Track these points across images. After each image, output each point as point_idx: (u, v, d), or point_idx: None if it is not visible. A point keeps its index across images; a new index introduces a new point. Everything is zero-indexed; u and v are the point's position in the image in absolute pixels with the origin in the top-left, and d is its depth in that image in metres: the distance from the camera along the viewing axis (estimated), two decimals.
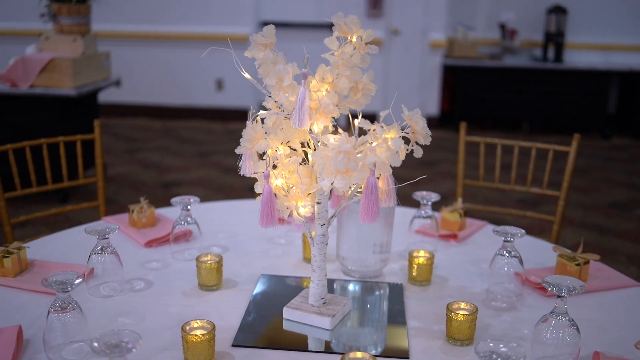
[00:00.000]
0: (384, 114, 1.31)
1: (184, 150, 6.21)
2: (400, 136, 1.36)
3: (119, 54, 7.02)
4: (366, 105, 1.41)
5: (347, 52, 1.32)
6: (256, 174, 1.40)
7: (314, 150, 1.40)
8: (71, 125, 4.56)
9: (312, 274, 1.49)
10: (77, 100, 4.59)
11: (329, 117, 1.34)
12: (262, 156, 1.41)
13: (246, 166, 1.43)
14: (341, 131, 1.33)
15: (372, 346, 1.42)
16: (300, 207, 1.40)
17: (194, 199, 1.80)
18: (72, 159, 2.98)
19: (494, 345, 1.08)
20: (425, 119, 1.36)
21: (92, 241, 1.60)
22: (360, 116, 1.34)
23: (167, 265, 1.78)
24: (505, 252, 1.63)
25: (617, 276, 1.75)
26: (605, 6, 7.22)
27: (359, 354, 1.20)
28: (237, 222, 2.10)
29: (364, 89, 1.38)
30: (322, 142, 1.34)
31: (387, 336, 1.46)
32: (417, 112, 1.39)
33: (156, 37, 7.30)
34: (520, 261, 1.62)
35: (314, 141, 1.39)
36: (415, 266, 1.70)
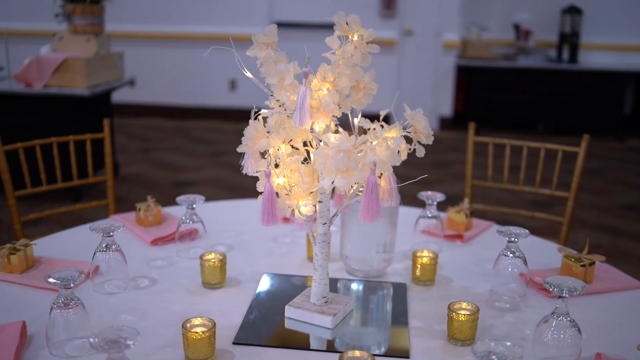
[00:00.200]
0: (383, 112, 1.31)
1: (196, 150, 6.24)
2: (402, 135, 1.36)
3: (133, 54, 7.07)
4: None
5: (347, 51, 1.32)
6: (258, 173, 1.40)
7: (316, 149, 1.40)
8: (84, 124, 4.59)
9: (314, 273, 1.49)
10: (91, 100, 4.63)
11: (330, 116, 1.34)
12: (264, 155, 1.41)
13: (248, 165, 1.44)
14: (341, 130, 1.34)
15: (373, 345, 1.42)
16: (301, 206, 1.40)
17: (198, 198, 1.81)
18: (85, 158, 3.00)
19: (491, 345, 1.08)
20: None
21: (99, 239, 1.62)
22: (360, 115, 1.34)
23: (172, 263, 1.79)
24: (509, 253, 1.62)
25: (623, 278, 1.73)
26: (620, 7, 7.16)
27: (357, 353, 1.20)
28: (243, 221, 2.11)
29: (365, 88, 1.38)
30: (323, 141, 1.34)
31: (388, 336, 1.46)
32: (420, 111, 1.39)
33: (170, 37, 7.34)
34: (524, 262, 1.61)
35: (316, 140, 1.39)
36: (418, 266, 1.69)
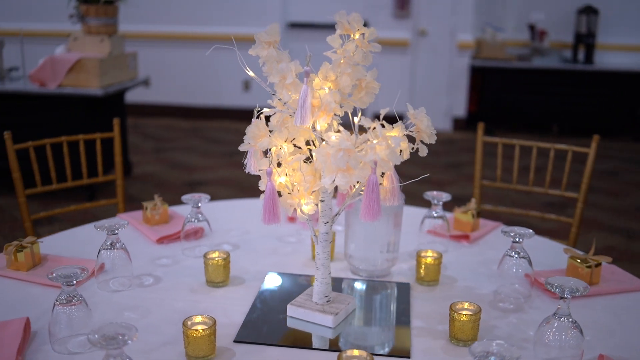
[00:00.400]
0: (383, 111, 1.31)
1: (210, 150, 6.26)
2: (404, 135, 1.36)
3: (148, 55, 7.12)
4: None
5: (348, 50, 1.32)
6: (260, 172, 1.41)
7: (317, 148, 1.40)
8: (98, 124, 4.63)
9: (316, 272, 1.49)
10: (104, 99, 4.66)
11: (331, 115, 1.34)
12: (266, 154, 1.42)
13: (251, 164, 1.44)
14: (342, 129, 1.34)
15: (374, 345, 1.42)
16: (303, 205, 1.40)
17: (204, 197, 1.82)
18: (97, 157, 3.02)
19: (489, 345, 1.07)
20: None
21: (105, 237, 1.63)
22: (360, 114, 1.34)
23: (177, 261, 1.80)
24: (513, 253, 1.61)
25: (630, 279, 1.71)
26: (637, 7, 7.09)
27: (356, 352, 1.20)
28: (250, 220, 2.11)
29: (367, 87, 1.38)
30: (325, 140, 1.34)
31: (389, 335, 1.46)
32: (422, 110, 1.39)
33: (184, 37, 7.38)
34: (529, 262, 1.60)
35: (318, 139, 1.39)
36: (422, 266, 1.69)
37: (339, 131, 1.37)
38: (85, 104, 4.56)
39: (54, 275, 1.31)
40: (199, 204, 1.81)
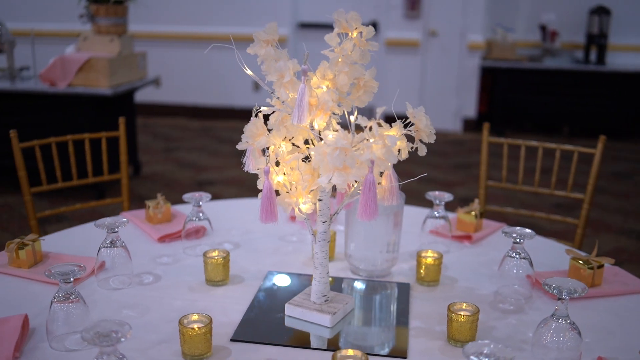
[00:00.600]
0: (380, 110, 1.30)
1: (220, 150, 6.28)
2: (403, 134, 1.36)
3: (159, 55, 7.15)
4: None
5: (346, 49, 1.31)
6: (258, 170, 1.40)
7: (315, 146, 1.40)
8: (107, 123, 4.65)
9: (314, 271, 1.48)
10: (114, 99, 4.68)
11: (328, 114, 1.34)
12: (265, 152, 1.41)
13: (249, 162, 1.44)
14: (339, 128, 1.33)
15: (371, 344, 1.41)
16: (301, 204, 1.40)
17: (205, 196, 1.82)
18: (107, 156, 3.02)
19: (483, 346, 1.06)
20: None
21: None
22: (356, 113, 1.33)
23: (178, 260, 1.80)
24: (514, 254, 1.60)
25: (633, 281, 1.70)
26: None
27: (350, 352, 1.19)
28: (252, 219, 2.10)
29: (365, 86, 1.37)
30: (323, 139, 1.33)
31: (387, 335, 1.45)
32: (421, 109, 1.38)
33: (195, 38, 7.40)
34: (530, 263, 1.59)
35: (316, 138, 1.39)
36: (423, 266, 1.68)
37: (337, 130, 1.37)
38: (94, 104, 4.58)
39: (52, 272, 1.31)
40: (200, 203, 1.82)
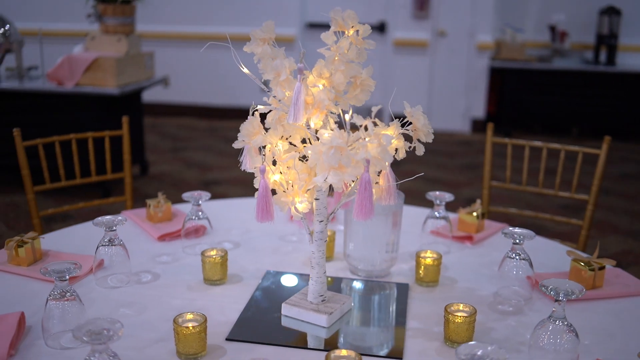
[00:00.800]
0: (375, 109, 1.29)
1: (227, 150, 6.28)
2: (400, 133, 1.35)
3: (166, 55, 7.17)
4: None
5: (342, 47, 1.30)
6: (254, 169, 1.40)
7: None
8: (115, 123, 4.65)
9: (311, 271, 1.48)
10: (121, 98, 4.69)
11: (324, 113, 1.33)
12: (261, 151, 1.41)
13: (246, 161, 1.43)
14: (334, 126, 1.32)
15: (367, 345, 1.40)
16: (297, 203, 1.39)
17: (204, 194, 1.82)
18: (113, 154, 3.02)
19: (476, 347, 1.05)
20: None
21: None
22: (350, 111, 1.32)
23: (177, 259, 1.80)
24: (514, 255, 1.59)
25: (635, 283, 1.68)
26: None
27: (344, 352, 1.18)
28: (252, 218, 2.08)
29: (362, 85, 1.37)
30: (319, 138, 1.33)
31: (384, 336, 1.44)
32: (419, 108, 1.37)
33: (203, 37, 7.41)
34: (530, 264, 1.58)
35: (313, 137, 1.38)
36: (422, 267, 1.67)
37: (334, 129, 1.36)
38: (101, 103, 4.59)
39: (47, 270, 1.32)
40: (200, 202, 1.81)
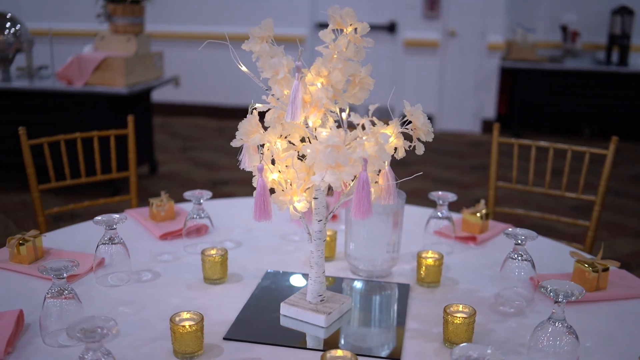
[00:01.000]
0: (372, 107, 1.28)
1: (235, 149, 6.26)
2: (399, 132, 1.34)
3: (176, 55, 7.18)
4: (423, 106, 1.37)
5: (340, 45, 1.29)
6: (252, 168, 1.39)
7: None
8: (123, 122, 4.64)
9: (310, 271, 1.47)
10: (131, 98, 4.71)
11: (322, 111, 1.32)
12: (260, 150, 1.40)
13: (245, 160, 1.43)
14: (332, 125, 1.31)
15: (365, 345, 1.39)
16: (295, 202, 1.38)
17: (205, 194, 1.81)
18: (121, 153, 3.03)
19: (471, 349, 1.04)
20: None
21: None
22: (347, 110, 1.31)
23: (178, 258, 1.80)
24: (516, 256, 1.57)
25: (639, 285, 1.65)
26: None
27: (340, 352, 1.17)
28: None
29: (361, 83, 1.36)
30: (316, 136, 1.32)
31: (382, 336, 1.43)
32: (419, 107, 1.36)
33: (212, 37, 7.41)
34: (532, 265, 1.56)
35: (312, 136, 1.37)
36: (423, 267, 1.65)
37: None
38: (111, 102, 4.61)
39: (45, 268, 1.32)
40: (201, 201, 1.81)
